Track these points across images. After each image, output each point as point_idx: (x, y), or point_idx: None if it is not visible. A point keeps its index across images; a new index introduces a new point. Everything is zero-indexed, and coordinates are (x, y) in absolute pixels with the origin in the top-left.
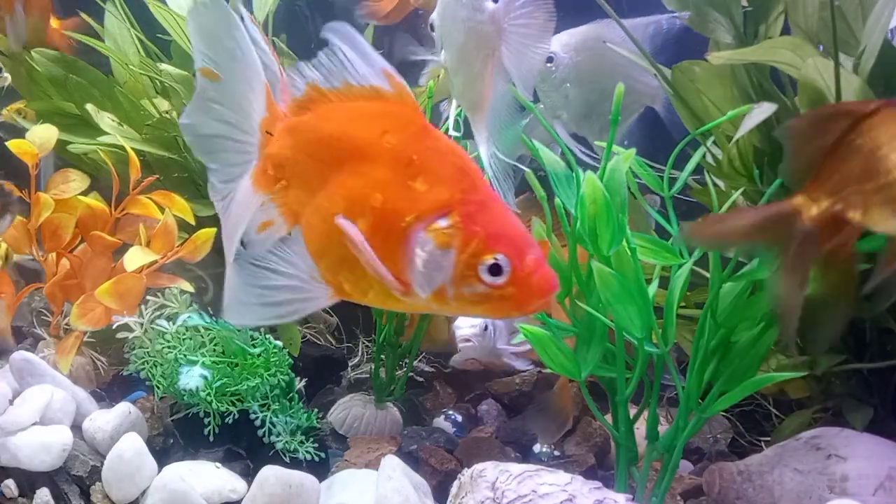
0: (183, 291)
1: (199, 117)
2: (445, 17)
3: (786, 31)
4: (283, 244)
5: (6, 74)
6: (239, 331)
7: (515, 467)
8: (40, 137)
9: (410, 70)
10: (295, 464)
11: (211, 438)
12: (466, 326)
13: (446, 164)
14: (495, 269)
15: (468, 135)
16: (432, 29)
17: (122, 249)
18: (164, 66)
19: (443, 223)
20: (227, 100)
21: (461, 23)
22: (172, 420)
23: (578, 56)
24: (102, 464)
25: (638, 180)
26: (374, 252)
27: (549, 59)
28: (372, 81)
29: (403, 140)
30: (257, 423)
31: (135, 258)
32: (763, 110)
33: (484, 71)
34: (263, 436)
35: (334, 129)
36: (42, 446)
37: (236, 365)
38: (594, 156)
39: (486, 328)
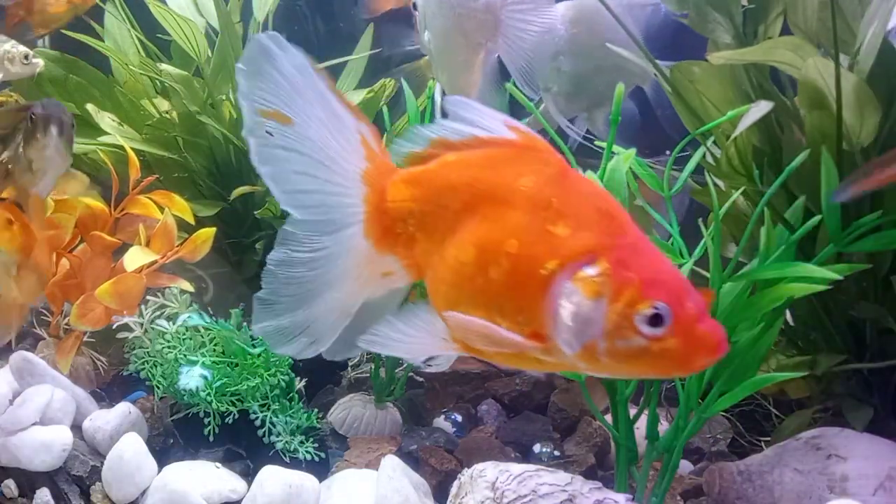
0: (183, 291)
1: (276, 165)
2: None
3: (785, 31)
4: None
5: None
6: (239, 330)
7: (515, 467)
8: None
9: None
10: (295, 464)
11: (211, 438)
12: None
13: (589, 206)
14: (655, 320)
15: None
16: (415, 8)
17: (122, 249)
18: (164, 66)
19: (591, 271)
20: (307, 147)
21: (450, 7)
22: (172, 420)
23: (574, 28)
24: (102, 464)
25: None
26: (507, 303)
27: None
28: (500, 133)
29: (540, 182)
30: (257, 423)
31: (135, 258)
32: (760, 108)
33: (473, 61)
34: (263, 436)
35: (464, 175)
36: (42, 446)
37: (236, 365)
38: (582, 134)
39: None
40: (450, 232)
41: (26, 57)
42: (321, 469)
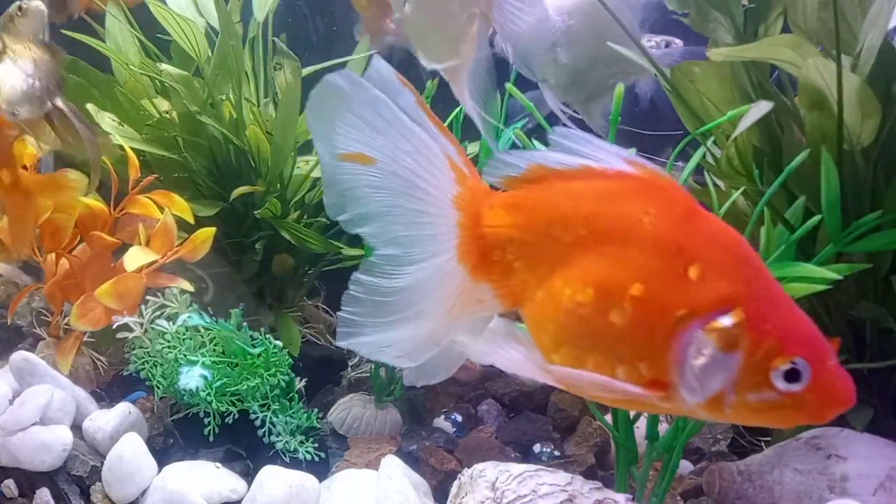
0: (183, 291)
1: (362, 207)
2: None
3: (786, 30)
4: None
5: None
6: (239, 330)
7: (515, 467)
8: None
9: None
10: (295, 464)
11: (211, 438)
12: None
13: (722, 249)
14: (792, 375)
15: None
16: None
17: (122, 249)
18: (164, 66)
19: (726, 321)
20: (393, 183)
21: None
22: (172, 420)
23: (571, 19)
24: (102, 464)
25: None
26: (628, 349)
27: (542, 21)
28: (616, 165)
29: (669, 222)
30: (257, 423)
31: (135, 258)
32: (760, 108)
33: (466, 33)
34: (263, 436)
35: (579, 207)
36: (42, 446)
37: (236, 365)
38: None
39: None
40: (559, 266)
41: (20, 9)
42: (321, 469)
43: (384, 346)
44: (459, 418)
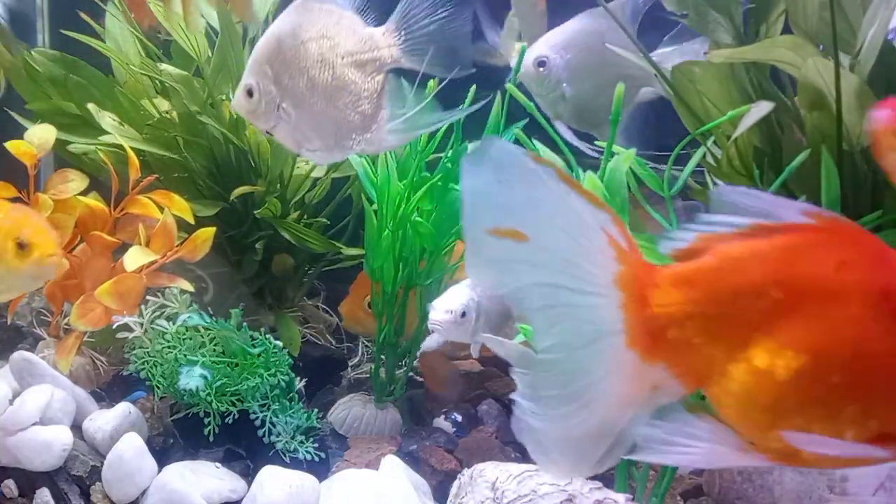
0: (183, 291)
1: (514, 284)
2: None
3: (786, 31)
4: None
5: None
6: (239, 330)
7: (515, 467)
8: (39, 137)
9: None
10: (295, 464)
11: (211, 438)
12: (441, 310)
13: None
14: None
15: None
16: None
17: (122, 249)
18: (164, 66)
19: None
20: (547, 261)
21: None
22: (172, 420)
23: (569, 54)
24: (102, 464)
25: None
26: (856, 409)
27: (541, 63)
28: (789, 217)
29: (865, 266)
30: (257, 423)
31: (135, 258)
32: (761, 109)
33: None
34: (263, 436)
35: (767, 270)
36: (42, 446)
37: (236, 365)
38: (600, 149)
39: (463, 314)
40: (756, 336)
41: None
42: (321, 469)
43: (554, 451)
44: (459, 418)
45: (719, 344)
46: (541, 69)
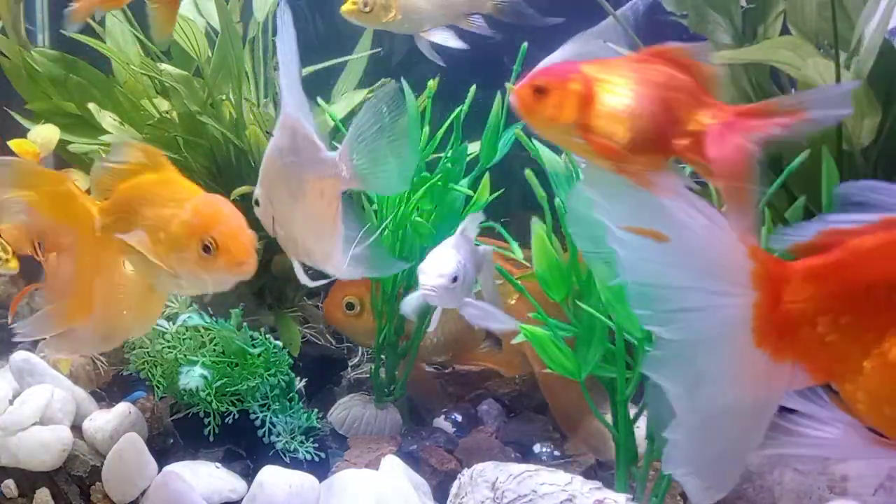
0: None
1: (646, 284)
2: None
3: (785, 31)
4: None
5: None
6: (239, 330)
7: (515, 467)
8: (42, 137)
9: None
10: (295, 464)
11: (211, 438)
12: (433, 274)
13: None
14: None
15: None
16: None
17: None
18: (164, 66)
19: None
20: (681, 259)
21: None
22: (172, 420)
23: None
24: (102, 464)
25: None
26: None
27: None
28: None
29: None
30: (257, 423)
31: None
32: None
33: None
34: (263, 436)
35: None
36: (42, 446)
37: (236, 365)
38: None
39: (454, 279)
40: (892, 330)
41: None
42: (321, 469)
43: (697, 470)
44: (459, 418)
45: (853, 339)
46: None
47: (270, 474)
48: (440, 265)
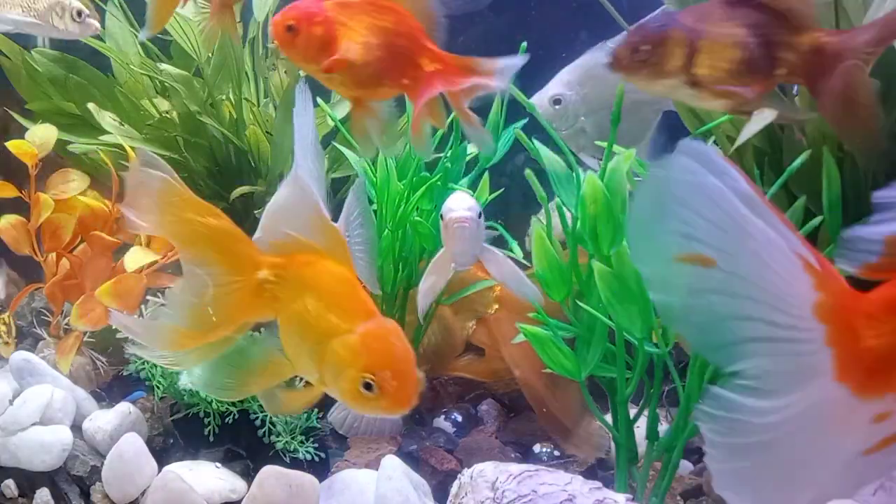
0: None
1: (697, 317)
2: None
3: None
4: None
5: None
6: None
7: (515, 467)
8: (40, 137)
9: None
10: (295, 464)
11: (211, 438)
12: (462, 209)
13: None
14: None
15: None
16: None
17: (122, 249)
18: (164, 66)
19: None
20: (735, 288)
21: None
22: (172, 420)
23: (584, 88)
24: (102, 464)
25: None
26: None
27: (557, 102)
28: None
29: None
30: (257, 423)
31: (135, 258)
32: (763, 117)
33: None
34: (263, 436)
35: None
36: (42, 446)
37: None
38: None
39: (480, 215)
40: None
41: (79, 14)
42: (321, 469)
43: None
44: (459, 418)
45: None
46: (556, 107)
47: (270, 474)
48: (465, 201)
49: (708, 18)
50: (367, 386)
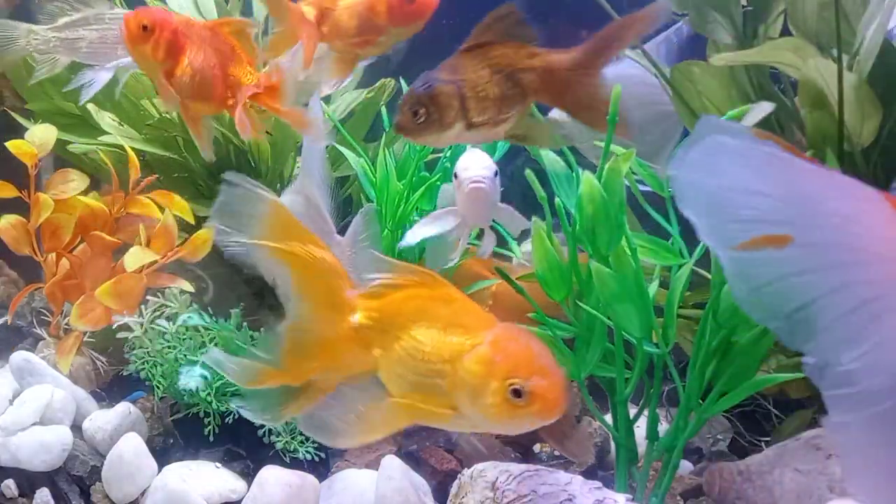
0: (183, 291)
1: (793, 303)
2: None
3: (785, 31)
4: None
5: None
6: (239, 330)
7: (515, 467)
8: (40, 137)
9: None
10: (295, 464)
11: (211, 438)
12: (479, 166)
13: None
14: None
15: None
16: None
17: (122, 249)
18: None
19: None
20: (825, 260)
21: None
22: (172, 420)
23: None
24: (102, 464)
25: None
26: None
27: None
28: None
29: None
30: (257, 423)
31: (135, 258)
32: (762, 109)
33: None
34: (263, 436)
35: None
36: (42, 446)
37: None
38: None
39: (496, 174)
40: None
41: None
42: (321, 469)
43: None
44: None
45: None
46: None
47: (270, 474)
48: (481, 159)
49: (460, 69)
50: (516, 393)
